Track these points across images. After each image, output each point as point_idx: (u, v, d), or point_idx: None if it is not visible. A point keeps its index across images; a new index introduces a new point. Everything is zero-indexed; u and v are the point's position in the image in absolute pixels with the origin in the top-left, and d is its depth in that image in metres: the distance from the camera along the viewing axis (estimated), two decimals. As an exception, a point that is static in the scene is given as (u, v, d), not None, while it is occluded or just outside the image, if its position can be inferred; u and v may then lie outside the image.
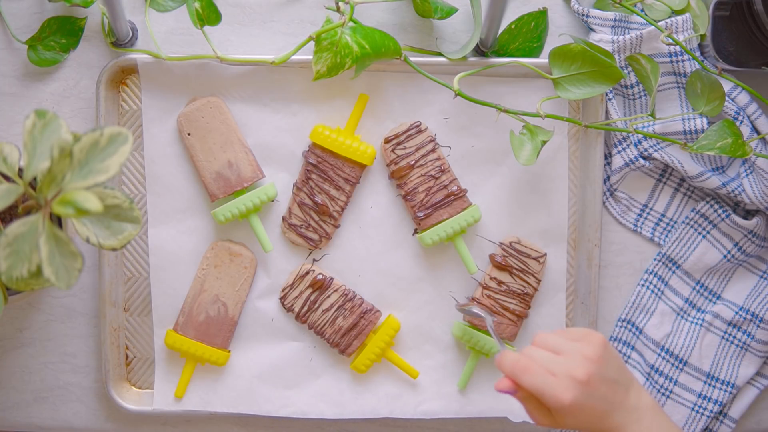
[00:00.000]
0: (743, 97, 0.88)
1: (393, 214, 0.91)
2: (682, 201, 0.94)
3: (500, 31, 0.89)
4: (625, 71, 0.88)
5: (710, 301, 0.94)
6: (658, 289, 0.93)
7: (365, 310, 0.90)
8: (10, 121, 0.91)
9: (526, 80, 0.90)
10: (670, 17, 0.88)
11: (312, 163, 0.89)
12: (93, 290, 0.92)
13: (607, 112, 0.90)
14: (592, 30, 0.90)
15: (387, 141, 0.89)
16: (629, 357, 0.94)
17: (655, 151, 0.90)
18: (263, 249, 0.89)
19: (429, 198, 0.89)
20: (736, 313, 0.92)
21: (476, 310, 0.85)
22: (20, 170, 0.69)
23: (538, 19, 0.89)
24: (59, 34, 0.90)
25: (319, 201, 0.89)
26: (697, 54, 0.88)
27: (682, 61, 0.88)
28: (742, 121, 0.88)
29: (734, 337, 0.92)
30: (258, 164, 0.89)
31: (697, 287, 0.93)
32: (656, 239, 0.94)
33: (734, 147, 0.84)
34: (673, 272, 0.93)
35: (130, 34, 0.90)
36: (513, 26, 0.89)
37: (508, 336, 0.90)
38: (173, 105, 0.89)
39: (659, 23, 0.86)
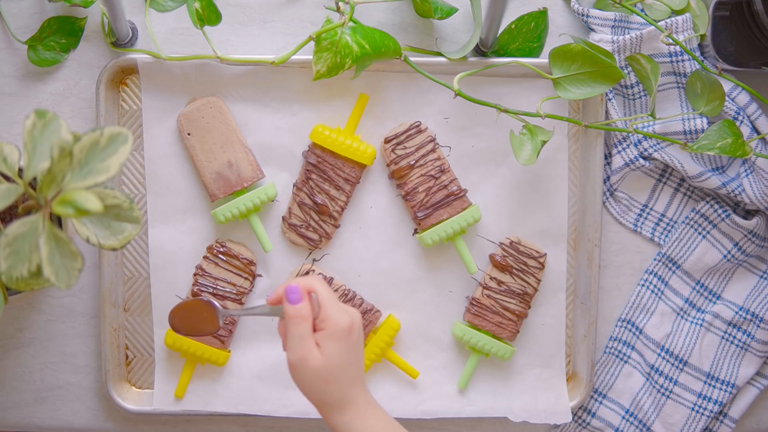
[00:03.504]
0: (743, 97, 0.88)
1: (393, 214, 0.91)
2: (682, 201, 0.94)
3: (500, 31, 0.89)
4: (625, 71, 0.88)
5: (710, 301, 0.94)
6: (658, 289, 0.93)
7: (365, 310, 0.90)
8: (10, 121, 0.91)
9: (526, 80, 0.90)
10: (670, 17, 0.88)
11: (312, 163, 0.89)
12: (93, 290, 0.92)
13: (607, 112, 0.90)
14: (592, 30, 0.90)
15: (387, 141, 0.89)
16: (629, 357, 0.94)
17: (655, 151, 0.90)
18: (263, 249, 0.89)
19: (429, 198, 0.89)
20: (736, 313, 0.92)
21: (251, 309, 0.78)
22: (20, 170, 0.69)
23: (538, 19, 0.89)
24: (59, 34, 0.90)
25: (319, 201, 0.89)
26: (697, 54, 0.88)
27: (682, 61, 0.88)
28: (742, 121, 0.88)
29: (734, 337, 0.92)
30: (258, 164, 0.89)
31: (697, 287, 0.93)
32: (656, 239, 0.94)
33: (734, 147, 0.84)
34: (673, 272, 0.93)
35: (130, 34, 0.90)
36: (513, 26, 0.89)
37: (508, 336, 0.90)
38: (173, 105, 0.89)
39: (659, 23, 0.86)
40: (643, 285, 0.93)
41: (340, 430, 0.73)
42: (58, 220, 0.79)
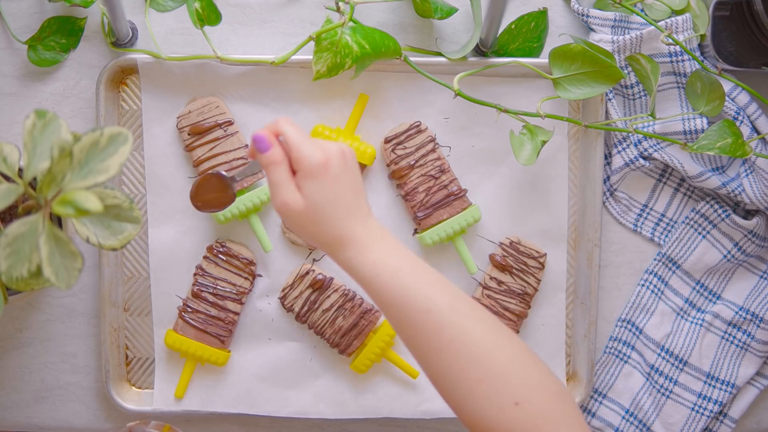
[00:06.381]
0: (743, 97, 0.88)
1: (393, 214, 0.91)
2: (682, 201, 0.94)
3: (500, 31, 0.89)
4: (625, 71, 0.88)
5: (710, 301, 0.94)
6: (658, 289, 0.93)
7: (365, 310, 0.90)
8: (10, 121, 0.91)
9: (526, 80, 0.90)
10: (670, 17, 0.88)
11: (312, 163, 0.89)
12: (93, 290, 0.92)
13: (607, 112, 0.90)
14: (592, 30, 0.90)
15: (387, 141, 0.89)
16: (629, 357, 0.94)
17: (655, 151, 0.90)
18: (263, 249, 0.89)
19: (429, 198, 0.89)
20: (736, 313, 0.92)
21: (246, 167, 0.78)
22: (20, 170, 0.69)
23: (538, 19, 0.89)
24: (59, 34, 0.90)
25: (319, 201, 0.89)
26: (697, 54, 0.88)
27: (682, 61, 0.88)
28: (742, 121, 0.88)
29: (734, 337, 0.92)
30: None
31: (697, 287, 0.93)
32: (656, 239, 0.94)
33: (734, 147, 0.84)
34: (673, 272, 0.93)
35: (130, 34, 0.90)
36: (513, 26, 0.89)
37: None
38: (173, 105, 0.89)
39: (659, 23, 0.86)
40: (643, 285, 0.93)
41: (346, 267, 0.70)
42: (58, 220, 0.79)
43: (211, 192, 0.81)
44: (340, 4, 0.83)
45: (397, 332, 0.69)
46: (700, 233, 0.92)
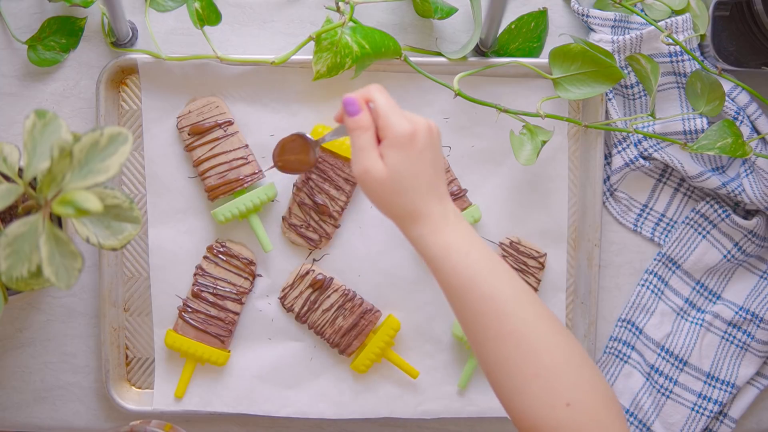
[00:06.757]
0: (743, 97, 0.88)
1: (393, 214, 0.91)
2: (682, 201, 0.94)
3: (500, 31, 0.89)
4: (625, 71, 0.88)
5: (710, 301, 0.94)
6: (658, 289, 0.93)
7: (365, 310, 0.90)
8: (10, 121, 0.91)
9: (526, 80, 0.90)
10: (670, 17, 0.88)
11: (312, 163, 0.89)
12: (93, 290, 0.92)
13: (607, 112, 0.90)
14: (592, 30, 0.90)
15: (387, 141, 0.89)
16: (629, 357, 0.94)
17: (655, 151, 0.90)
18: (263, 249, 0.89)
19: (429, 198, 0.89)
20: (736, 313, 0.92)
21: (333, 131, 0.79)
22: (20, 170, 0.69)
23: (538, 19, 0.89)
24: (59, 34, 0.90)
25: (319, 201, 0.89)
26: (697, 54, 0.88)
27: (682, 61, 0.88)
28: (742, 121, 0.88)
29: (734, 337, 0.92)
30: (258, 164, 0.89)
31: (697, 287, 0.93)
32: (656, 239, 0.94)
33: (734, 147, 0.84)
34: (673, 272, 0.93)
35: (130, 34, 0.90)
36: (513, 26, 0.89)
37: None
38: (173, 105, 0.89)
39: (659, 23, 0.86)
40: (643, 285, 0.93)
41: (416, 243, 0.70)
42: (58, 220, 0.79)
43: (294, 153, 0.81)
44: (340, 4, 0.83)
45: (457, 316, 0.68)
46: (700, 233, 0.92)
